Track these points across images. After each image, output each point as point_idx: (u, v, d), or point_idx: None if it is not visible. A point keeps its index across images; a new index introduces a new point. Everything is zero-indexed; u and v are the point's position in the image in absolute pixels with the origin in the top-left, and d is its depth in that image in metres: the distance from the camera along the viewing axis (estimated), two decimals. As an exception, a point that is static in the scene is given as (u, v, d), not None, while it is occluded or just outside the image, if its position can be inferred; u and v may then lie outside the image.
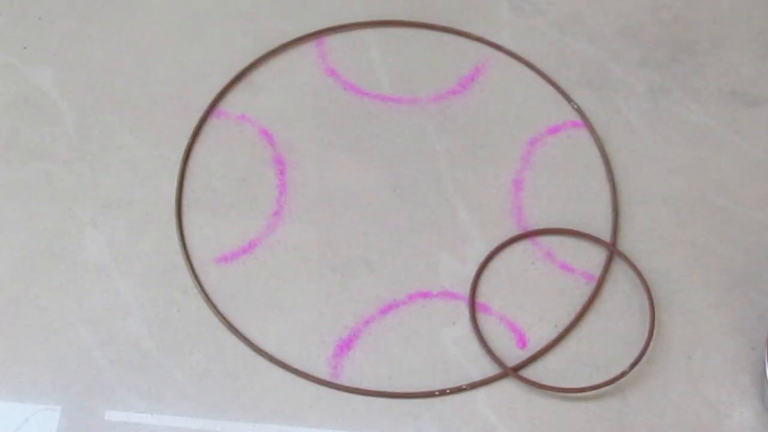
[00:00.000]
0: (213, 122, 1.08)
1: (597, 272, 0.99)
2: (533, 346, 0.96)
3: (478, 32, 1.13)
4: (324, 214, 1.02)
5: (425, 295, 0.98)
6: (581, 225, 1.02)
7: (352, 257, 1.00)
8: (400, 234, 1.01)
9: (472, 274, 0.99)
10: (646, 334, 0.96)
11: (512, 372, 0.93)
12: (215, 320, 0.96)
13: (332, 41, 1.13)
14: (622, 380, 0.93)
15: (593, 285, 0.98)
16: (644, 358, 0.94)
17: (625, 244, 1.01)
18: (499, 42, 1.13)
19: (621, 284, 0.99)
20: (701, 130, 1.08)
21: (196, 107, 1.08)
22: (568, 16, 1.15)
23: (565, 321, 0.97)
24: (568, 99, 1.09)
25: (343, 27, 1.13)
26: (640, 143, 1.06)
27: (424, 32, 1.14)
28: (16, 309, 0.96)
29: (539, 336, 0.96)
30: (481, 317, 0.97)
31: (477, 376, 0.94)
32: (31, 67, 1.10)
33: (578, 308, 0.97)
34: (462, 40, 1.14)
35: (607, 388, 0.93)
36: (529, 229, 1.02)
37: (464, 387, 0.93)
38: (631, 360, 0.94)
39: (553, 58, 1.12)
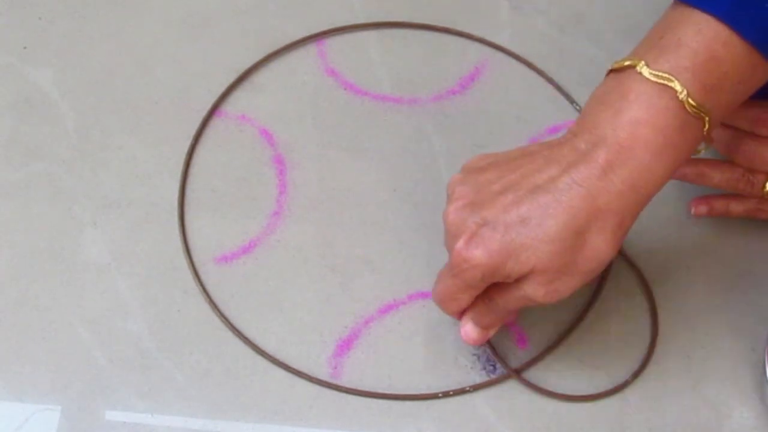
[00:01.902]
0: (213, 122, 1.08)
1: (597, 272, 0.99)
2: (534, 347, 0.96)
3: (478, 32, 1.13)
4: (324, 214, 1.02)
5: (425, 295, 0.98)
6: (581, 225, 1.01)
7: (352, 257, 1.00)
8: (400, 234, 1.01)
9: (473, 274, 0.99)
10: (647, 337, 0.95)
11: (516, 374, 0.93)
12: (216, 320, 0.96)
13: (333, 42, 1.13)
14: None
15: (593, 285, 0.98)
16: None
17: (625, 244, 1.00)
18: (499, 42, 1.13)
19: (622, 285, 0.99)
20: (701, 130, 1.08)
21: (197, 108, 1.08)
22: (568, 16, 1.15)
23: (566, 322, 0.97)
24: (569, 99, 1.09)
25: (343, 29, 1.14)
26: (641, 143, 1.06)
27: (425, 33, 1.14)
28: (16, 309, 0.96)
29: (540, 337, 0.96)
30: (482, 317, 0.97)
31: (477, 377, 0.94)
32: (31, 67, 1.10)
33: (579, 309, 0.97)
34: (462, 41, 1.14)
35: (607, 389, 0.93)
36: (530, 229, 1.02)
37: (467, 389, 0.93)
38: (632, 361, 0.94)
39: (553, 58, 1.12)
